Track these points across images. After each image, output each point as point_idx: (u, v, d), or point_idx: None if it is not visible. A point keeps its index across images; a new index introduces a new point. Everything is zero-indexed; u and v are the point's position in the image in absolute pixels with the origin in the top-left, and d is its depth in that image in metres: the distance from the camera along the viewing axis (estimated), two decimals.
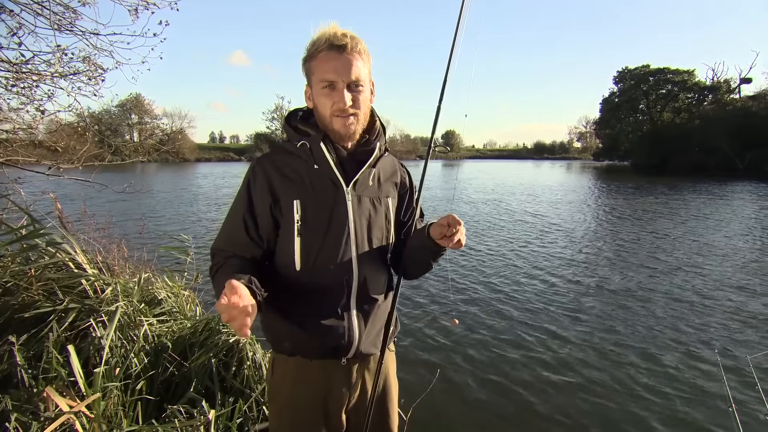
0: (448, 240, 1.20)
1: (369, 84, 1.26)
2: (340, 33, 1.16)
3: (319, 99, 1.21)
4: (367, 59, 1.23)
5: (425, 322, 5.00)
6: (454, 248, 1.23)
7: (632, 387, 3.76)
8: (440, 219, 1.23)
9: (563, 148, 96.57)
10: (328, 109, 1.20)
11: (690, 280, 6.75)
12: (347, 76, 1.17)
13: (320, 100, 1.21)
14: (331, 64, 1.16)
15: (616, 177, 32.10)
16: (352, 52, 1.17)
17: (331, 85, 1.18)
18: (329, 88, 1.18)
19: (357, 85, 1.20)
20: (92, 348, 2.32)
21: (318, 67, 1.18)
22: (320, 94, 1.20)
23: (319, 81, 1.19)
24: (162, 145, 33.24)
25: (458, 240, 1.20)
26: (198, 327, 2.70)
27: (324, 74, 1.17)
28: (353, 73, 1.18)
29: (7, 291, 2.58)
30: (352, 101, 1.20)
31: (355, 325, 1.28)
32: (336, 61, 1.16)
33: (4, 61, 3.42)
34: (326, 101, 1.20)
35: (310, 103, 1.27)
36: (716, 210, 14.29)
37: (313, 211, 1.23)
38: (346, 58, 1.17)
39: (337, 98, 1.18)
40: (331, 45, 1.16)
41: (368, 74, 1.24)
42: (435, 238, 1.24)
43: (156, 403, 2.26)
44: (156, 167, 41.62)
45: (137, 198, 15.28)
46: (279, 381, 1.34)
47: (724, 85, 48.91)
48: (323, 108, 1.21)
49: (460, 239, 1.21)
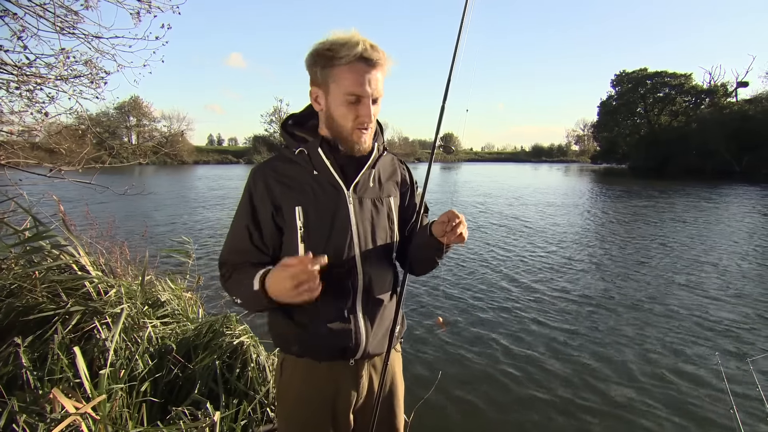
0: (450, 235, 1.20)
1: None
2: (370, 45, 1.14)
3: (339, 108, 1.19)
4: (386, 73, 1.22)
5: (437, 326, 5.00)
6: (456, 242, 1.23)
7: (632, 390, 3.77)
8: (441, 216, 1.24)
9: (561, 151, 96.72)
10: (350, 121, 1.19)
11: (689, 284, 6.77)
12: (375, 91, 1.17)
13: (340, 110, 1.19)
14: (362, 77, 1.14)
15: (614, 180, 32.17)
16: (380, 67, 1.17)
17: (357, 99, 1.16)
18: (355, 102, 1.17)
19: (378, 99, 1.20)
20: (96, 350, 2.33)
21: (344, 77, 1.14)
22: (342, 104, 1.17)
23: (345, 92, 1.15)
24: (161, 148, 33.17)
25: (460, 233, 1.20)
26: (202, 329, 2.71)
27: (352, 87, 1.14)
28: (380, 88, 1.18)
29: (12, 293, 2.59)
30: (373, 115, 1.20)
31: (361, 326, 1.29)
32: (367, 75, 1.14)
33: (8, 64, 3.44)
34: (349, 113, 1.18)
35: (319, 106, 1.24)
36: (714, 214, 14.34)
37: (315, 216, 1.24)
38: (377, 73, 1.16)
39: (363, 112, 1.18)
40: (361, 57, 1.13)
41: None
42: (437, 236, 1.24)
43: (160, 404, 2.26)
44: (154, 169, 41.55)
45: (137, 200, 15.26)
46: (287, 382, 1.35)
47: (721, 89, 49.29)
48: (343, 119, 1.19)
49: (462, 233, 1.21)
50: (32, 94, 3.60)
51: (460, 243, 1.24)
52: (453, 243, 1.24)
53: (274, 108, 67.55)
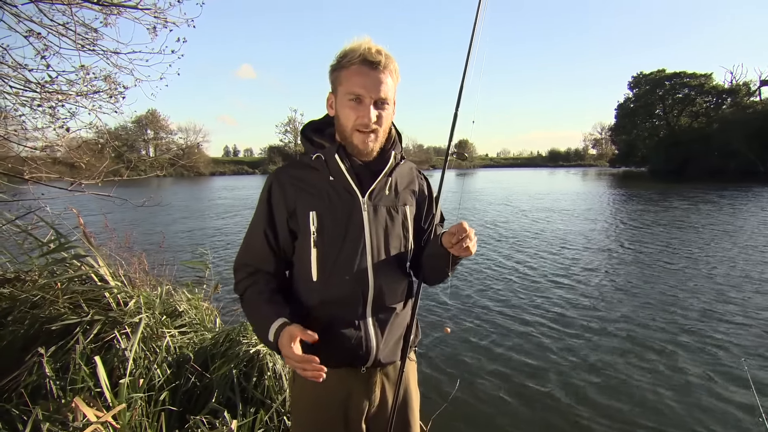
0: (457, 247, 1.18)
1: (393, 103, 1.27)
2: (374, 49, 1.18)
3: (343, 110, 1.22)
4: (396, 78, 1.24)
5: (444, 333, 4.96)
6: (462, 255, 1.21)
7: (658, 397, 3.67)
8: (451, 227, 1.23)
9: (578, 156, 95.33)
10: (351, 121, 1.21)
11: (718, 289, 6.60)
12: (376, 93, 1.19)
13: (344, 111, 1.22)
14: (362, 78, 1.17)
15: (634, 184, 31.60)
16: (384, 70, 1.19)
17: (357, 99, 1.19)
18: (356, 102, 1.19)
19: (383, 102, 1.21)
20: (116, 359, 2.37)
21: (347, 79, 1.19)
22: (345, 106, 1.21)
23: (347, 93, 1.19)
24: (178, 160, 33.80)
25: (466, 247, 1.19)
26: (219, 338, 2.73)
27: (353, 87, 1.18)
28: (382, 90, 1.19)
29: (35, 305, 2.65)
30: (376, 117, 1.21)
31: (372, 334, 1.29)
32: (367, 77, 1.17)
33: (32, 82, 3.56)
34: (350, 113, 1.21)
35: (332, 111, 1.28)
36: (741, 216, 13.95)
37: (329, 221, 1.25)
38: (378, 75, 1.18)
39: (362, 113, 1.20)
40: (364, 60, 1.17)
41: (394, 93, 1.26)
42: (446, 247, 1.23)
43: (179, 413, 2.28)
44: (171, 181, 42.39)
45: (156, 211, 15.57)
46: (300, 388, 1.35)
47: (743, 88, 48.04)
48: (346, 119, 1.22)
49: (469, 246, 1.19)
50: (54, 111, 3.72)
51: (467, 256, 1.22)
52: (461, 255, 1.22)
53: (289, 118, 68.61)
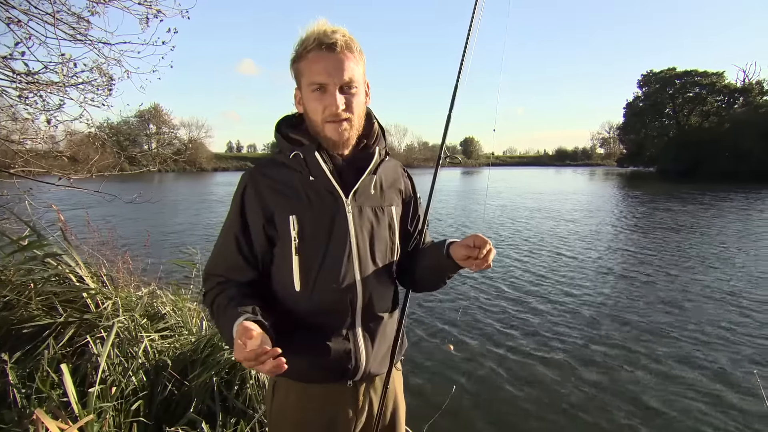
0: (480, 262, 1.08)
1: (363, 85, 1.15)
2: (329, 30, 1.07)
3: (309, 103, 1.12)
4: (360, 58, 1.12)
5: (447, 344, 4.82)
6: (478, 269, 1.12)
7: (668, 408, 3.51)
8: (464, 239, 1.12)
9: (586, 155, 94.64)
10: (319, 114, 1.11)
11: (730, 297, 6.42)
12: (339, 77, 1.07)
13: (311, 105, 1.11)
14: (321, 64, 1.07)
15: (642, 184, 31.19)
16: (343, 50, 1.07)
17: (321, 88, 1.08)
18: (320, 91, 1.09)
19: (350, 86, 1.10)
20: (90, 366, 2.24)
21: (307, 69, 1.09)
22: (310, 98, 1.11)
23: (309, 84, 1.09)
24: (177, 156, 33.81)
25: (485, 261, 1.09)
26: (200, 343, 2.59)
27: (314, 76, 1.08)
28: (345, 73, 1.08)
29: (6, 305, 2.53)
30: (345, 104, 1.09)
31: (361, 346, 1.19)
32: (326, 62, 1.06)
33: (18, 73, 3.43)
34: (317, 105, 1.10)
35: (300, 107, 1.17)
36: (756, 220, 13.63)
37: (311, 226, 1.14)
38: (337, 57, 1.07)
39: (328, 102, 1.08)
40: (320, 43, 1.06)
41: (362, 74, 1.14)
42: (457, 260, 1.12)
43: (154, 424, 2.15)
44: (173, 177, 42.48)
45: (153, 208, 15.47)
46: (281, 406, 1.24)
47: (756, 87, 47.15)
48: (314, 113, 1.12)
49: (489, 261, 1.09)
50: (42, 102, 3.60)
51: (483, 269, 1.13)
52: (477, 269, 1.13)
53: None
